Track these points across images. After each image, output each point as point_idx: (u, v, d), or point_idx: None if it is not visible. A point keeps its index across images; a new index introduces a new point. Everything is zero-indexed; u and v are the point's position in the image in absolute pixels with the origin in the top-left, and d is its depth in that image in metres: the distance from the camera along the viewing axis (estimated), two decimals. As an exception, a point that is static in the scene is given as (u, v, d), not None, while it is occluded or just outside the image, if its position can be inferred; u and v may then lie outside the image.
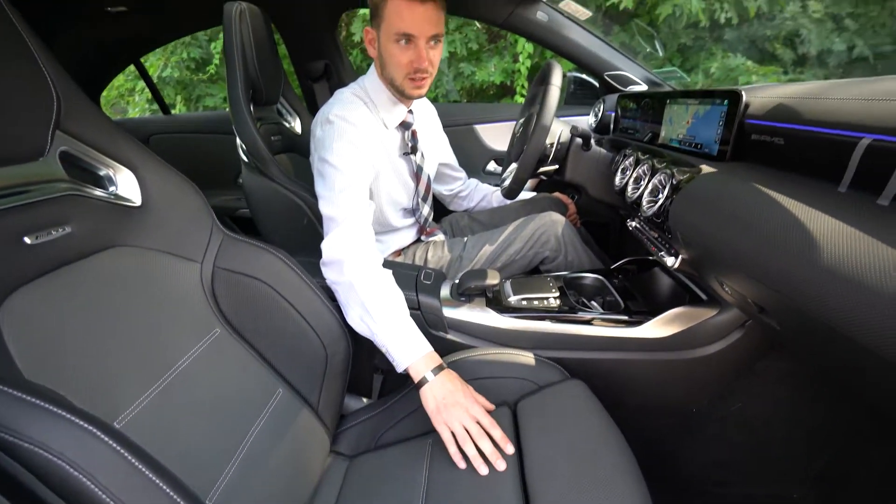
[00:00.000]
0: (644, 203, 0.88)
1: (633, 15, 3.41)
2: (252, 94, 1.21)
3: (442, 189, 1.49)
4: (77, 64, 1.74)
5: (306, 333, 0.86)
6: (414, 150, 1.20)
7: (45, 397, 0.45)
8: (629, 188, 0.98)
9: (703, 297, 0.92)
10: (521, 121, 1.31)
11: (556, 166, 1.24)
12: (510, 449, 0.74)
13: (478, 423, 0.76)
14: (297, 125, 1.48)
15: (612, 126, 1.39)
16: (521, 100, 3.98)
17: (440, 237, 1.34)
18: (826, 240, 0.48)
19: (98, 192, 0.70)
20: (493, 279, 0.98)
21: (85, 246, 0.66)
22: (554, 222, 1.18)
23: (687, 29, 3.50)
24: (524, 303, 0.99)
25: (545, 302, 0.99)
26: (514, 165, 1.29)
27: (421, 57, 0.98)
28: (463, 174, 1.49)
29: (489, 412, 0.80)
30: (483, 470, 0.71)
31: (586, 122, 1.62)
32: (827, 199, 0.54)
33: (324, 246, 0.94)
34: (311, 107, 1.79)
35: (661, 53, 1.86)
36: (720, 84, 3.22)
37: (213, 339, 0.77)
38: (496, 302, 1.01)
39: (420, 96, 1.09)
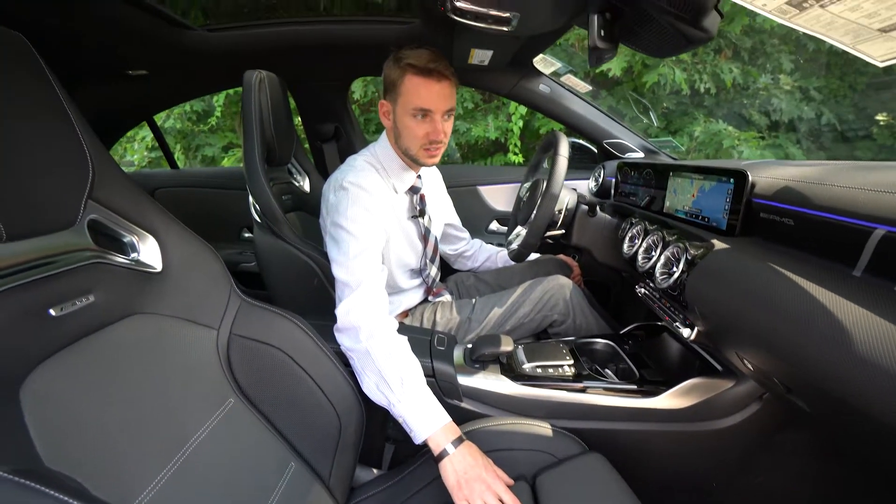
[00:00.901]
0: (658, 274, 0.90)
1: (619, 82, 3.63)
2: (267, 154, 1.24)
3: (447, 249, 1.51)
4: (91, 118, 1.77)
5: (321, 403, 0.84)
6: (422, 213, 1.23)
7: (63, 487, 0.43)
8: (639, 257, 1.00)
9: (718, 367, 0.92)
10: (527, 185, 1.35)
11: (563, 231, 1.28)
12: None
13: (500, 500, 0.73)
14: (306, 184, 1.51)
15: (612, 191, 1.44)
16: (514, 157, 4.13)
17: (447, 298, 1.34)
18: (856, 328, 0.49)
19: (120, 259, 0.69)
20: (507, 346, 0.97)
21: (106, 315, 0.65)
22: (562, 286, 1.20)
23: (669, 95, 3.73)
24: (539, 370, 0.98)
25: (560, 370, 0.98)
26: (520, 229, 1.32)
27: (437, 130, 1.04)
28: (467, 234, 1.52)
29: (509, 487, 0.77)
30: None
31: (586, 185, 1.69)
32: (845, 283, 0.57)
33: (339, 312, 0.93)
34: (320, 166, 1.83)
35: (655, 123, 1.97)
36: (706, 146, 3.39)
37: (227, 411, 0.74)
38: (509, 368, 1.00)
39: (433, 164, 1.13)
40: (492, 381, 0.96)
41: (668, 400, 0.91)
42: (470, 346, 1.03)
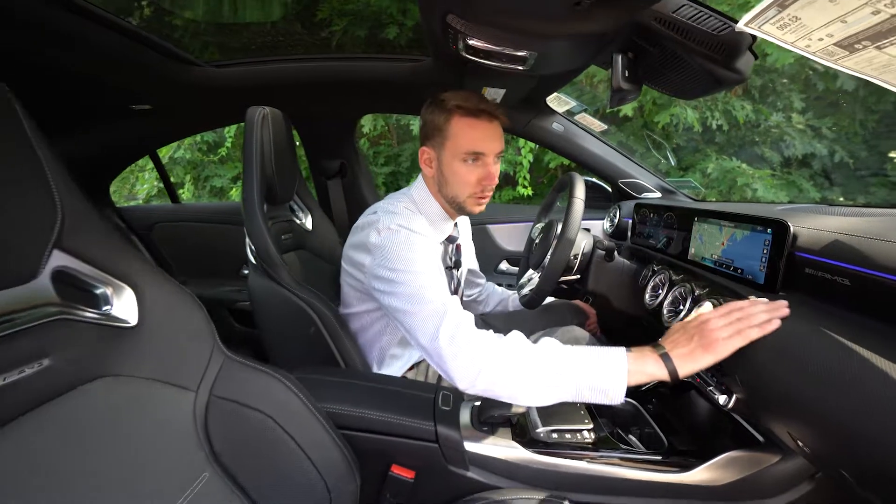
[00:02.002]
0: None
1: (629, 120, 3.62)
2: (266, 193, 1.19)
3: (465, 297, 1.43)
4: (93, 152, 1.76)
5: (307, 473, 0.74)
6: (458, 265, 1.17)
7: None
8: (665, 311, 0.92)
9: (759, 437, 0.82)
10: (540, 227, 1.28)
11: (578, 276, 1.19)
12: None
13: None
14: (308, 222, 1.46)
15: (629, 233, 1.37)
16: (523, 190, 4.09)
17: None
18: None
19: (90, 314, 0.62)
20: (518, 407, 0.88)
21: (66, 380, 0.57)
22: (577, 339, 1.11)
23: (682, 132, 3.71)
24: (554, 435, 0.88)
25: (578, 435, 0.88)
26: (531, 273, 1.25)
27: (490, 174, 0.98)
28: (483, 280, 1.45)
29: None
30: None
31: (600, 226, 1.61)
32: None
33: (453, 366, 0.78)
34: (324, 203, 1.78)
35: (672, 163, 1.91)
36: (719, 182, 3.33)
37: (202, 487, 0.65)
38: (522, 432, 0.90)
39: (479, 212, 1.06)
40: (502, 448, 0.86)
41: (704, 474, 0.80)
42: (478, 403, 0.94)
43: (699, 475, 0.80)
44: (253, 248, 1.12)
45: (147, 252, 1.96)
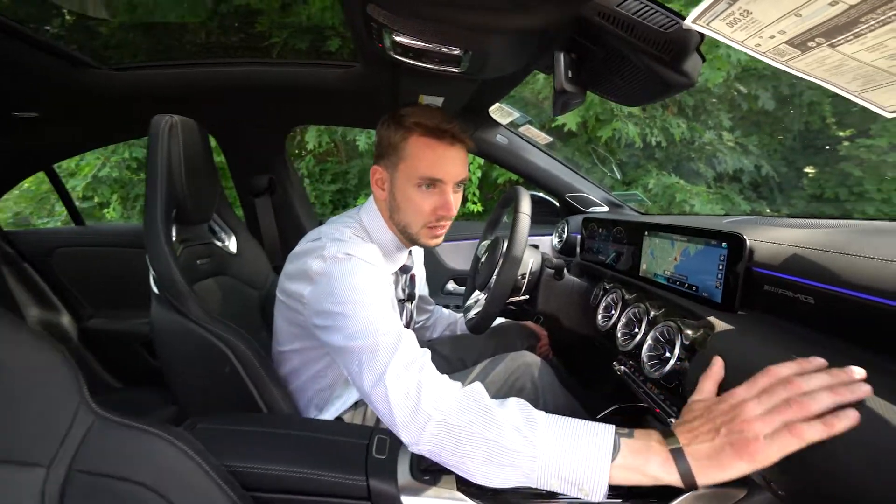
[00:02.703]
0: (646, 360, 0.74)
1: (574, 135, 3.69)
2: (176, 213, 1.03)
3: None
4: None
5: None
6: (411, 297, 1.06)
7: None
8: (619, 334, 0.85)
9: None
10: (486, 244, 1.20)
11: (527, 297, 1.12)
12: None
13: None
14: (231, 244, 1.30)
15: (578, 248, 1.31)
16: (473, 206, 4.05)
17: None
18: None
19: None
20: None
21: None
22: (528, 364, 1.02)
23: (623, 148, 3.82)
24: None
25: (531, 479, 0.78)
26: (478, 294, 1.16)
27: (447, 203, 0.87)
28: (433, 306, 1.34)
29: None
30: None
31: (549, 242, 1.56)
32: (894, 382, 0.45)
33: (397, 412, 0.64)
34: (251, 223, 1.62)
35: (618, 176, 1.91)
36: (659, 198, 3.44)
37: None
38: (468, 480, 0.79)
39: (435, 246, 0.95)
40: (445, 501, 0.75)
41: None
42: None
43: None
44: (155, 276, 0.96)
45: (44, 281, 1.70)
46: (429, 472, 0.77)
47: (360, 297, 0.76)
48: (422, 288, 1.25)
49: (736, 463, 0.47)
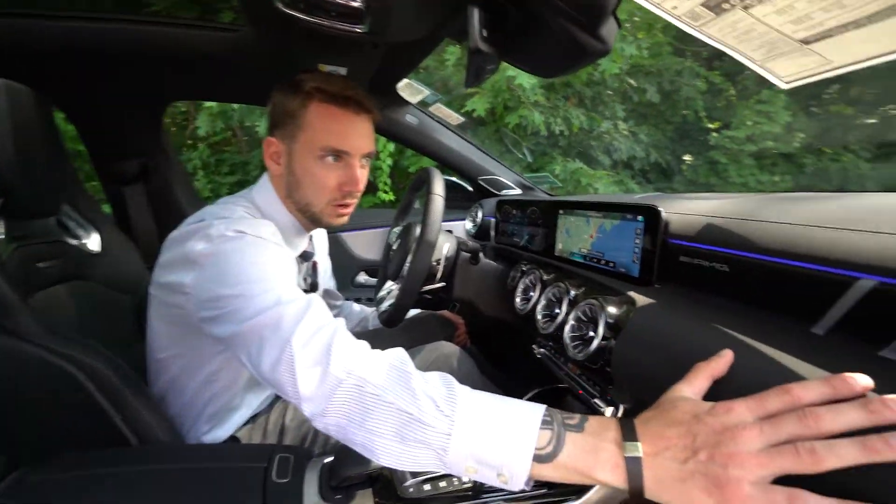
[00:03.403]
0: (569, 341, 0.71)
1: (483, 123, 3.73)
2: (4, 204, 0.81)
3: None
4: None
5: None
6: (314, 287, 0.95)
7: None
8: (539, 316, 0.82)
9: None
10: (397, 231, 1.12)
11: (443, 284, 1.05)
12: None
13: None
14: (92, 242, 1.07)
15: (493, 232, 1.28)
16: (385, 196, 3.93)
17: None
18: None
19: None
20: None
21: None
22: (447, 356, 0.96)
23: (529, 136, 3.95)
24: (428, 487, 0.71)
25: (456, 481, 0.72)
26: (390, 284, 1.07)
27: (355, 178, 0.80)
28: (341, 300, 1.23)
29: None
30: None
31: (462, 227, 1.52)
32: (808, 344, 0.45)
33: (302, 379, 0.54)
34: (121, 216, 1.36)
35: (529, 159, 1.92)
36: (566, 183, 3.60)
37: None
38: (386, 491, 0.71)
39: (340, 224, 0.86)
40: (363, 521, 0.66)
41: (598, 495, 0.70)
42: (330, 459, 0.72)
43: (595, 497, 0.70)
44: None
45: None
46: (341, 489, 0.68)
47: (259, 273, 0.64)
48: (327, 280, 1.14)
49: (703, 500, 0.36)
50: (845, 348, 0.43)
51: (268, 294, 0.61)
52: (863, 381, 0.35)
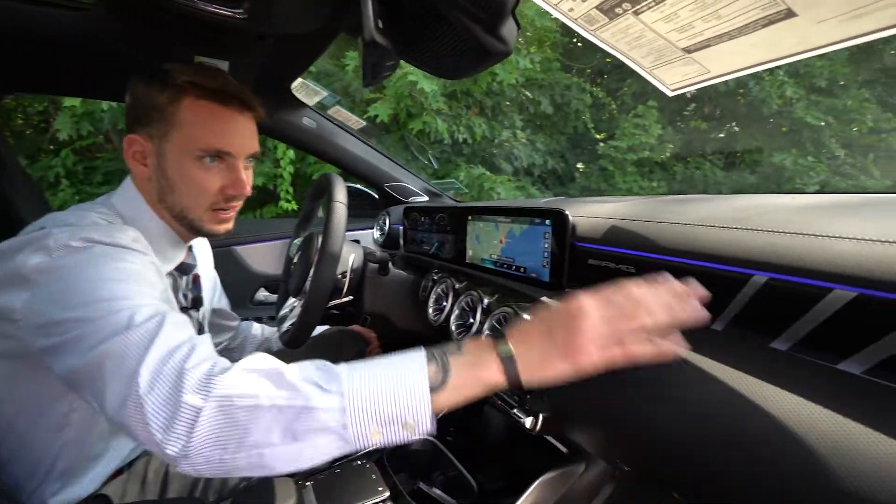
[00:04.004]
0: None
1: (388, 130, 3.68)
2: None
3: None
4: None
5: None
6: (196, 303, 0.83)
7: None
8: (454, 327, 0.78)
9: (563, 449, 0.75)
10: (298, 242, 1.02)
11: (351, 297, 0.98)
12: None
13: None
14: None
15: (401, 240, 1.24)
16: (287, 205, 3.70)
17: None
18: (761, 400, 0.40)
19: None
20: (286, 498, 0.61)
21: None
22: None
23: (434, 144, 3.98)
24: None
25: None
26: (292, 301, 0.98)
27: (240, 181, 0.72)
28: (236, 321, 1.09)
29: None
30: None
31: (370, 235, 1.45)
32: (708, 340, 0.48)
33: (153, 418, 0.45)
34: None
35: (435, 166, 1.91)
36: (470, 188, 3.68)
37: None
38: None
39: (224, 232, 0.76)
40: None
41: (531, 499, 0.69)
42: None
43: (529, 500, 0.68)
44: None
45: None
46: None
47: (110, 290, 0.54)
48: (217, 298, 1.00)
49: (560, 365, 0.47)
50: (741, 342, 0.45)
51: (118, 315, 0.51)
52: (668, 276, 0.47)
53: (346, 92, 3.60)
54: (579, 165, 6.17)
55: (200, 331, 0.83)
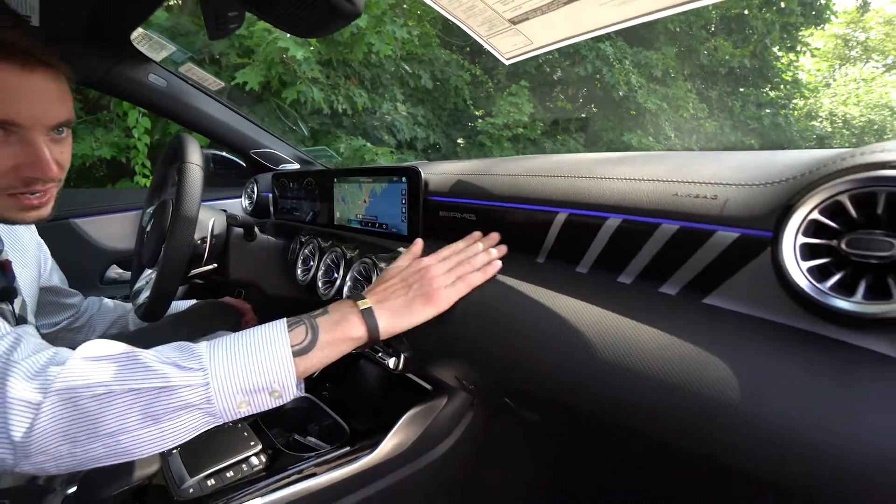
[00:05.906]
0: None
1: (260, 99, 3.42)
2: None
3: (45, 329, 0.91)
4: None
5: None
6: (10, 293, 0.68)
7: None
8: (320, 283, 0.81)
9: (427, 386, 0.83)
10: (150, 210, 0.95)
11: (215, 265, 0.95)
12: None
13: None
14: None
15: (272, 208, 1.21)
16: (143, 180, 3.28)
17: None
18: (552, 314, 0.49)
19: None
20: (149, 464, 0.60)
21: None
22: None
23: (312, 115, 3.81)
24: (212, 482, 0.64)
25: (245, 466, 0.67)
26: (148, 273, 0.92)
27: (39, 158, 0.56)
28: (77, 298, 0.96)
29: None
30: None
31: (239, 205, 1.38)
32: (531, 271, 0.56)
33: None
34: None
35: (305, 132, 1.84)
36: (351, 160, 3.61)
37: None
38: (162, 499, 0.62)
39: (38, 219, 0.62)
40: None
41: (391, 444, 0.75)
42: (73, 490, 0.59)
43: (387, 447, 0.74)
44: None
45: None
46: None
47: None
48: (49, 277, 0.89)
49: (425, 309, 0.56)
50: (556, 269, 0.55)
51: None
52: (478, 235, 0.63)
53: (210, 56, 3.25)
54: (460, 140, 6.41)
55: (20, 323, 0.73)
